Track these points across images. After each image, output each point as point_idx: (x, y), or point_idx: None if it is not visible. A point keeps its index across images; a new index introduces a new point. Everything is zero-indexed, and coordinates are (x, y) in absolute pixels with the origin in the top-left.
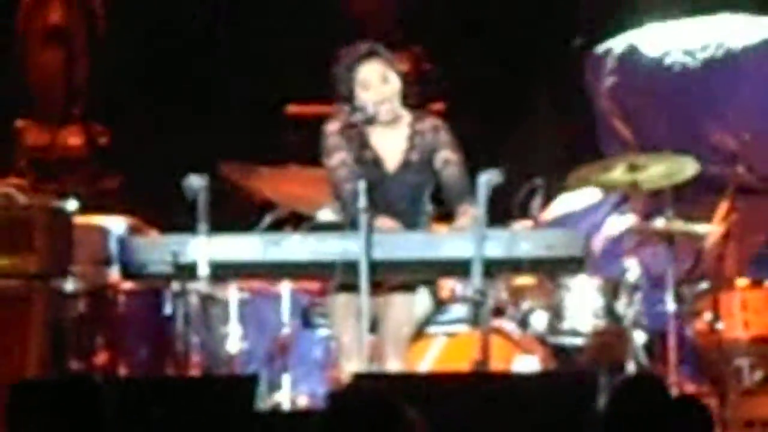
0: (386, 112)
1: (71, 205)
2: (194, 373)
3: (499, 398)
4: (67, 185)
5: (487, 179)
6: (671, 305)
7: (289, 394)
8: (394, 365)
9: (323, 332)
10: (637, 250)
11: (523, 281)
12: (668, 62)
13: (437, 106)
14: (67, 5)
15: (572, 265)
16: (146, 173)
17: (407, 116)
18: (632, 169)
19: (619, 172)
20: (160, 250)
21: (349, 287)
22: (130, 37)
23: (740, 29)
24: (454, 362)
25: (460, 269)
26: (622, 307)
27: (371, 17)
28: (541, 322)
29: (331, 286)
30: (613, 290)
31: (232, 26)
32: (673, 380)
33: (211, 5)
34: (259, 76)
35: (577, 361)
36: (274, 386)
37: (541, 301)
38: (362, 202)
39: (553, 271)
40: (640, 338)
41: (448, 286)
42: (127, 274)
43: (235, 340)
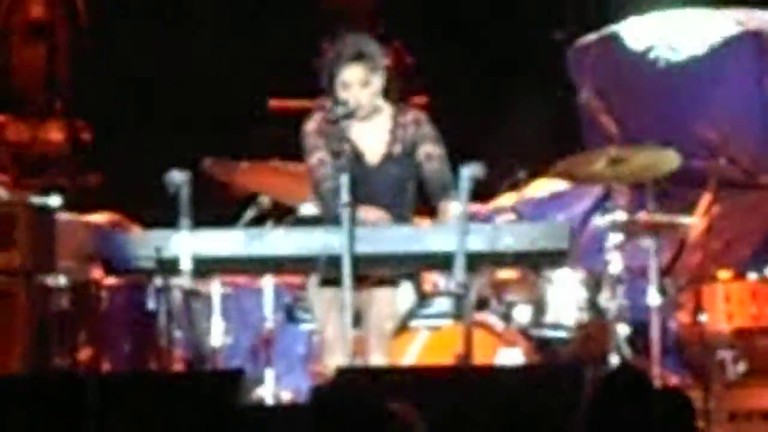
0: (365, 110)
1: (54, 200)
2: (177, 368)
3: (482, 392)
4: (49, 181)
5: (469, 172)
6: (654, 298)
7: (272, 388)
8: (377, 359)
9: (306, 327)
10: (619, 243)
11: (506, 274)
12: (651, 56)
13: (419, 99)
14: (48, 0)
15: (555, 258)
16: (128, 169)
17: (389, 109)
18: (614, 161)
19: (601, 164)
20: (142, 245)
21: (332, 281)
22: (111, 32)
23: (722, 23)
24: (437, 356)
25: (442, 263)
26: (605, 300)
27: (352, 10)
28: (524, 315)
29: (308, 279)
30: (596, 283)
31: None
32: (656, 373)
33: (193, 3)
34: (240, 71)
35: (560, 354)
36: (257, 381)
37: (524, 294)
38: (345, 196)
39: (536, 264)
40: (623, 331)
41: (430, 279)
42: (110, 269)
43: (218, 334)
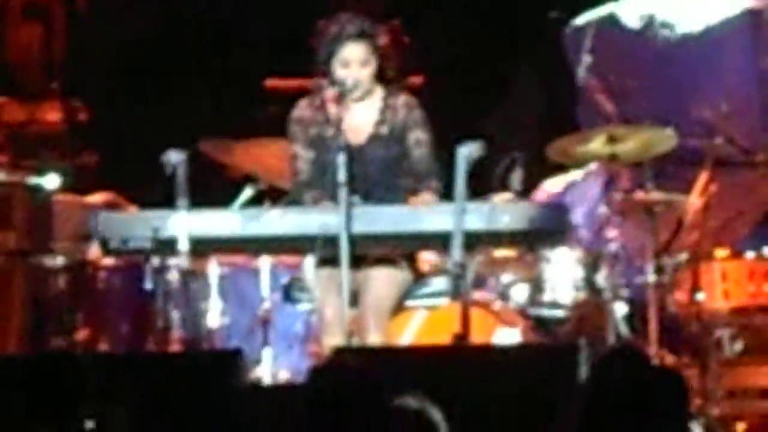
0: (362, 90)
1: (51, 181)
2: (175, 348)
3: (479, 371)
4: (45, 161)
5: (466, 152)
6: (651, 277)
7: (270, 368)
8: (374, 339)
9: (304, 307)
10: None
11: (503, 254)
12: (649, 35)
13: (416, 79)
14: None
15: (552, 237)
16: (125, 149)
17: (380, 91)
18: (611, 141)
19: (597, 143)
20: (139, 225)
21: (329, 261)
22: (108, 11)
23: (719, 1)
24: (434, 335)
25: (440, 242)
26: (602, 279)
27: None
28: (521, 294)
29: (304, 259)
30: (593, 262)
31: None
32: (653, 351)
33: None
34: (238, 50)
35: (557, 333)
36: (255, 361)
37: (521, 273)
38: (341, 176)
39: (533, 243)
40: (620, 310)
41: (428, 259)
42: (107, 250)
43: (215, 315)
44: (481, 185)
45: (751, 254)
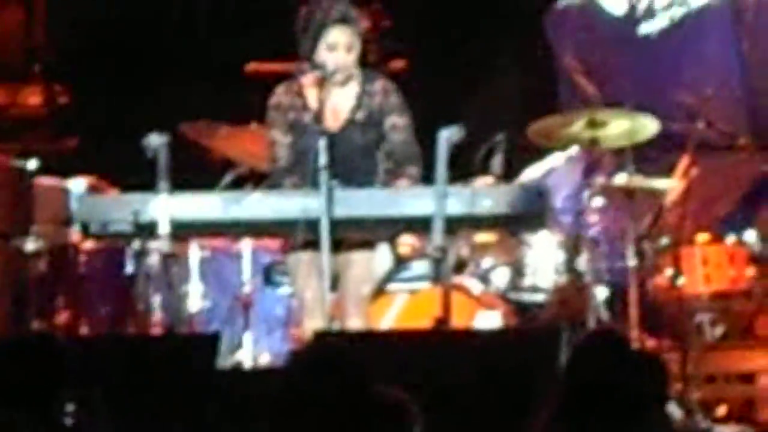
0: (344, 74)
1: (31, 164)
2: (156, 331)
3: (460, 355)
4: (26, 145)
5: (447, 135)
6: (632, 261)
7: (250, 352)
8: (355, 323)
9: (285, 290)
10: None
11: (484, 238)
12: (631, 20)
13: (397, 63)
14: None
15: (533, 221)
16: (106, 132)
17: (358, 75)
18: (592, 124)
19: (579, 127)
20: (120, 208)
21: (310, 245)
22: None
23: None
24: (415, 319)
25: (420, 226)
26: (583, 263)
27: None
28: (502, 278)
29: (291, 244)
30: (574, 246)
31: None
32: (634, 335)
33: None
34: (218, 34)
35: (538, 317)
36: (235, 344)
37: (502, 257)
38: (322, 159)
39: (514, 227)
40: (601, 294)
41: (408, 242)
42: (87, 233)
43: (196, 298)
44: (462, 169)
45: (731, 238)
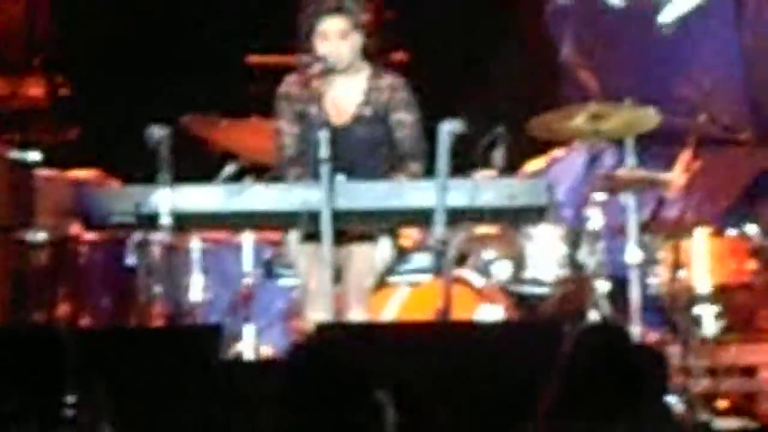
0: (344, 64)
1: (33, 156)
2: (157, 323)
3: (462, 347)
4: (28, 136)
5: (449, 128)
6: (633, 254)
7: (252, 344)
8: (357, 315)
9: (286, 282)
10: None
11: (485, 230)
12: (632, 14)
13: (399, 55)
14: None
15: (535, 214)
16: (108, 124)
17: (367, 70)
18: (594, 117)
19: (580, 120)
20: (122, 200)
21: (312, 237)
22: None
23: None
24: (417, 312)
25: (422, 218)
26: (584, 256)
27: None
28: (503, 271)
29: (287, 235)
30: (575, 240)
31: None
32: (635, 329)
33: None
34: (220, 26)
35: (540, 310)
36: (236, 336)
37: (503, 250)
38: (323, 152)
39: (515, 220)
40: (602, 287)
41: (410, 235)
42: (89, 225)
43: (197, 290)
44: (463, 161)
45: (733, 232)
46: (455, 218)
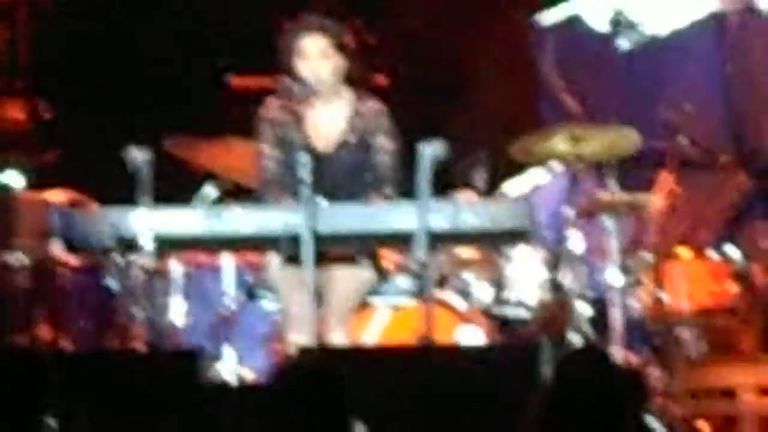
0: (326, 87)
1: (13, 178)
2: (138, 346)
3: (443, 370)
4: (8, 159)
5: (430, 151)
6: (615, 277)
7: (233, 367)
8: (338, 338)
9: (267, 306)
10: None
11: (466, 253)
12: (614, 36)
13: (380, 79)
14: None
15: (516, 237)
16: (87, 147)
17: (349, 95)
18: (575, 140)
19: (561, 142)
20: (102, 223)
21: (294, 260)
22: (71, 10)
23: (685, 3)
24: (398, 335)
25: (403, 241)
26: (566, 279)
27: None
28: (485, 293)
29: (268, 257)
30: (557, 262)
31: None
32: (617, 351)
33: None
34: (202, 48)
35: (521, 333)
36: (217, 359)
37: (484, 272)
38: (304, 175)
39: (497, 242)
40: (584, 310)
41: (391, 257)
42: (69, 247)
43: (178, 313)
44: (444, 183)
45: (714, 254)
46: (436, 241)
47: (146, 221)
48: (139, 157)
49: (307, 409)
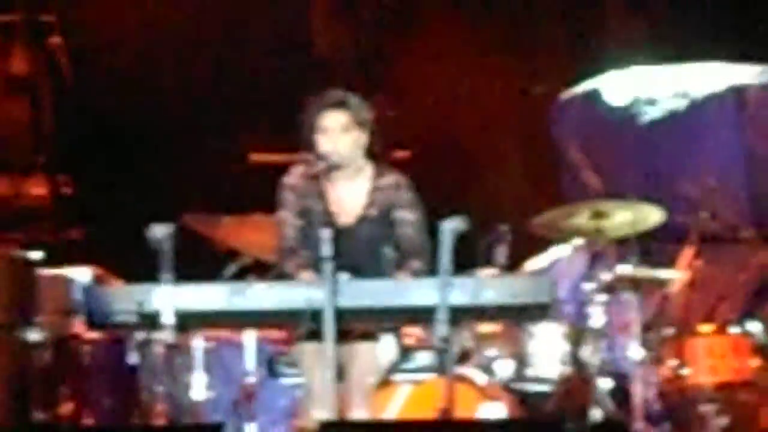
0: (346, 161)
1: (35, 255)
2: (159, 422)
3: None
4: (30, 235)
5: (451, 227)
6: (636, 352)
7: None
8: (360, 414)
9: (289, 381)
10: (602, 297)
11: (488, 328)
12: (633, 111)
13: (401, 154)
14: (31, 54)
15: (537, 311)
16: (110, 224)
17: (369, 170)
18: (597, 215)
19: (583, 218)
20: (124, 299)
21: (316, 335)
22: (93, 86)
23: (702, 78)
24: (419, 410)
25: (425, 317)
26: (587, 354)
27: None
28: (506, 369)
29: (297, 334)
30: (578, 337)
31: (197, 74)
32: (638, 426)
33: (176, 57)
34: (220, 125)
35: (542, 407)
36: None
37: (506, 348)
38: (326, 250)
39: (518, 318)
40: (605, 385)
41: (413, 333)
42: (91, 323)
43: (200, 388)
44: (465, 260)
45: (735, 330)
46: (458, 316)
47: (168, 297)
48: (160, 233)
49: None
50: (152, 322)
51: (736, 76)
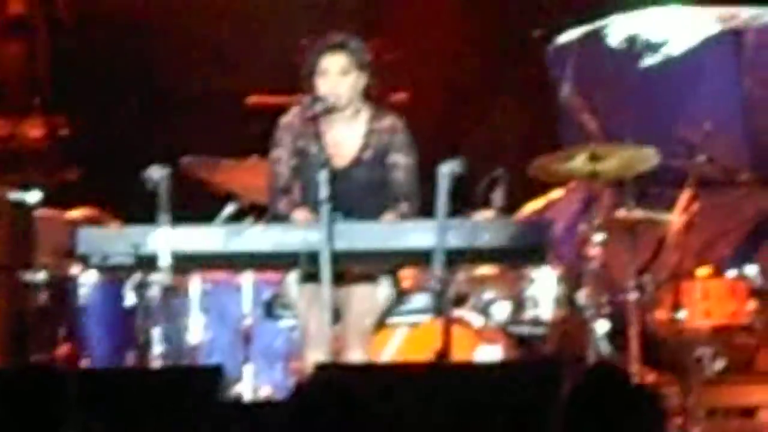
0: (344, 103)
1: (33, 196)
2: (156, 364)
3: (461, 388)
4: (27, 177)
5: (448, 169)
6: (633, 295)
7: (251, 385)
8: (356, 355)
9: (285, 323)
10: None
11: (484, 271)
12: (633, 55)
13: (399, 96)
14: None
15: (534, 254)
16: (107, 165)
17: (366, 112)
18: (593, 158)
19: (579, 161)
20: (121, 241)
21: (312, 277)
22: (91, 28)
23: (703, 21)
24: (416, 352)
25: (421, 259)
26: (583, 297)
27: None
28: (503, 311)
29: (285, 275)
30: (574, 280)
31: (193, 16)
32: (634, 369)
33: None
34: (219, 66)
35: (539, 350)
36: (236, 377)
37: (502, 290)
38: (323, 192)
39: (514, 260)
40: (601, 328)
41: (409, 275)
42: (88, 265)
43: (197, 331)
44: (462, 202)
45: (732, 273)
46: (454, 259)
47: (165, 239)
48: (157, 175)
49: (325, 425)
50: (149, 264)
51: (735, 18)
